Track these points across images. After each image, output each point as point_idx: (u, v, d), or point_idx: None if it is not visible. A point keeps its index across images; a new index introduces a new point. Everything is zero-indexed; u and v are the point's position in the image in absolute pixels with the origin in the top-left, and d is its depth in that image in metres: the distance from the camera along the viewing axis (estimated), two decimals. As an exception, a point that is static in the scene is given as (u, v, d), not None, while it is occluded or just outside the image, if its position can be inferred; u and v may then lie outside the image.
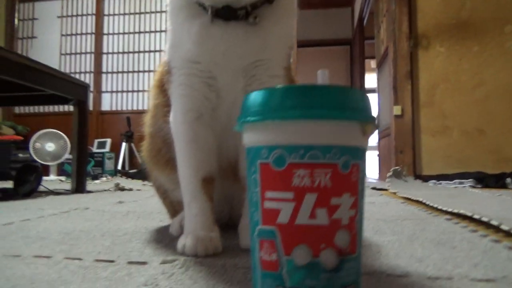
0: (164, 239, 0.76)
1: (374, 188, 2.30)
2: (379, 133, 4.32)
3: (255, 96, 0.34)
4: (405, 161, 3.28)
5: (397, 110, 3.34)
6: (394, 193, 1.93)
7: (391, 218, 1.02)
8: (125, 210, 1.17)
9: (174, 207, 0.87)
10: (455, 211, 1.06)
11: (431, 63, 3.35)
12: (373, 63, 5.96)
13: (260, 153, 0.34)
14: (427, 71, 3.35)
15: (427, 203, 1.33)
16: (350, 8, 7.03)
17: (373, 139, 5.59)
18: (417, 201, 1.46)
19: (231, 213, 0.87)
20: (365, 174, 0.35)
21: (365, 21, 5.64)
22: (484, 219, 0.89)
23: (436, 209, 1.20)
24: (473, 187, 2.54)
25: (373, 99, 5.04)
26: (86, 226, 0.90)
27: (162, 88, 0.76)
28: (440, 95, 3.28)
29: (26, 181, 1.70)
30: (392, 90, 3.39)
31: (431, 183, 2.89)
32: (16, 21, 4.47)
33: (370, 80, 6.77)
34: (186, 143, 0.69)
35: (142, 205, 1.31)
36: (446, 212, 1.10)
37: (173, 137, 0.72)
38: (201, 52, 0.65)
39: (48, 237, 0.77)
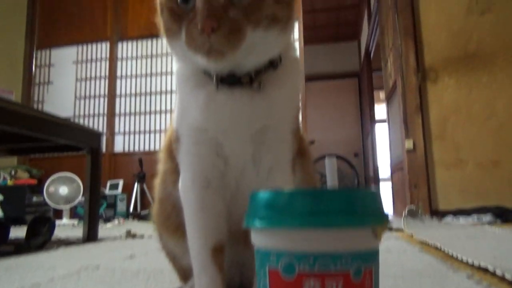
0: (174, 308, 0.74)
1: (390, 229, 2.24)
2: (391, 166, 4.27)
3: (262, 197, 0.34)
4: (420, 196, 3.21)
5: (408, 144, 3.30)
6: (411, 235, 1.87)
7: (409, 274, 0.98)
8: (136, 268, 1.16)
9: (185, 272, 0.85)
10: (476, 263, 1.01)
11: (440, 95, 3.35)
12: (382, 94, 5.99)
13: (269, 258, 0.33)
14: (437, 104, 3.34)
15: (446, 251, 1.28)
16: (356, 41, 7.17)
17: (385, 170, 5.52)
18: (435, 248, 1.41)
19: (242, 279, 0.84)
20: (378, 275, 0.34)
21: (372, 54, 5.72)
22: (508, 276, 0.85)
23: (456, 259, 1.15)
24: (493, 223, 2.46)
25: (384, 130, 5.02)
26: (96, 290, 0.88)
27: (171, 154, 0.77)
28: (452, 127, 3.25)
29: (38, 233, 1.70)
30: (403, 124, 3.38)
31: (448, 218, 2.81)
32: (33, 67, 4.64)
33: (380, 110, 6.78)
34: (195, 211, 0.69)
35: (153, 261, 1.29)
36: (467, 265, 1.06)
37: (183, 205, 0.71)
38: (208, 119, 0.66)
39: (57, 308, 0.75)
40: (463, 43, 3.30)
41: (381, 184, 5.75)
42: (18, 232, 2.00)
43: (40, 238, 1.69)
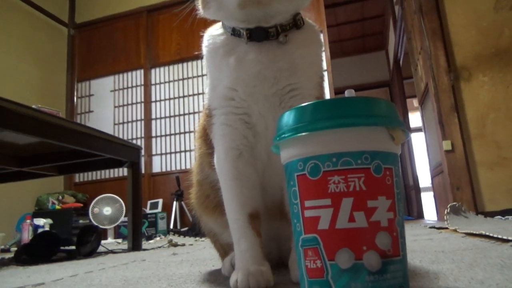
0: (217, 279, 0.78)
1: (433, 227, 2.17)
2: (431, 171, 4.14)
3: (287, 115, 0.38)
4: (464, 198, 3.08)
5: (446, 145, 3.21)
6: (455, 230, 1.81)
7: (450, 249, 0.96)
8: (179, 259, 1.20)
9: (224, 249, 0.89)
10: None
11: (476, 93, 3.25)
12: (415, 102, 5.87)
13: (296, 167, 0.36)
14: (473, 102, 3.25)
15: (491, 235, 1.24)
16: (384, 51, 7.12)
17: (426, 178, 5.34)
18: (480, 235, 1.36)
19: (280, 253, 0.87)
20: (400, 178, 0.37)
21: (401, 62, 5.66)
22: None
23: (501, 240, 1.12)
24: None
25: (420, 138, 4.90)
26: (144, 274, 0.93)
27: (205, 138, 0.82)
28: (491, 125, 3.14)
29: (87, 242, 1.79)
30: (439, 125, 3.30)
31: (496, 218, 2.68)
32: (75, 98, 4.95)
33: (415, 119, 6.63)
34: (230, 180, 0.73)
35: (195, 255, 1.34)
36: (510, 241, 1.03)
37: (218, 177, 0.76)
38: (238, 79, 0.71)
39: (110, 284, 0.81)
40: (494, 39, 3.22)
41: (423, 193, 5.56)
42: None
43: (89, 246, 1.78)
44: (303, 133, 0.36)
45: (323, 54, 0.79)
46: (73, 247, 1.80)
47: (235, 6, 0.67)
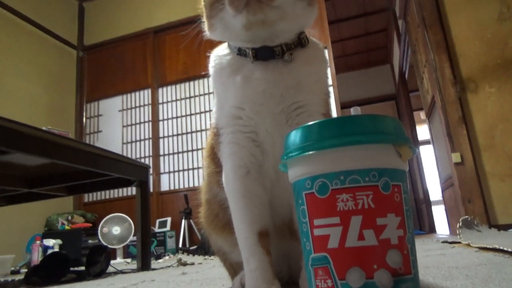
0: (227, 299, 0.77)
1: (445, 242, 2.13)
2: (441, 184, 4.09)
3: (294, 134, 0.38)
4: (476, 210, 3.04)
5: (456, 157, 3.18)
6: (468, 244, 1.78)
7: (464, 265, 0.95)
8: (189, 279, 1.19)
9: (234, 268, 0.88)
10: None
11: (483, 105, 3.24)
12: (422, 115, 5.85)
13: (304, 185, 0.36)
14: (481, 113, 3.23)
15: (505, 249, 1.22)
16: (389, 64, 7.15)
17: (437, 191, 5.28)
18: (494, 249, 1.33)
19: (290, 272, 0.86)
20: (408, 195, 0.36)
21: (406, 75, 5.67)
22: None
23: (516, 253, 1.09)
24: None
25: (429, 151, 4.86)
26: (153, 294, 0.93)
27: (213, 157, 0.83)
28: (501, 136, 3.11)
29: (96, 262, 1.79)
30: (447, 137, 3.28)
31: (510, 231, 2.63)
32: (84, 119, 5.02)
33: (422, 132, 6.59)
34: (239, 198, 0.73)
35: (205, 274, 1.33)
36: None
37: (227, 196, 0.76)
38: (244, 97, 0.72)
39: (119, 306, 0.80)
40: (499, 50, 3.22)
41: (434, 207, 5.48)
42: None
43: (98, 266, 1.77)
44: (311, 152, 0.36)
45: (328, 70, 0.80)
46: (83, 268, 1.80)
47: (241, 28, 0.68)
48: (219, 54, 0.79)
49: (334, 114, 4.08)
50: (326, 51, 4.38)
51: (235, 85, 0.73)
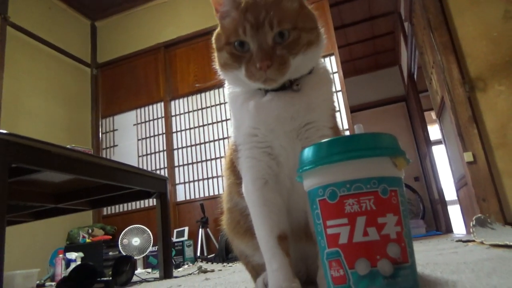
0: (251, 298, 0.84)
1: (459, 241, 2.17)
2: (455, 183, 4.10)
3: (307, 151, 0.46)
4: (491, 209, 3.05)
5: (468, 156, 3.20)
6: (481, 242, 1.81)
7: (472, 260, 1.00)
8: (213, 283, 1.27)
9: (256, 270, 0.95)
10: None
11: (493, 103, 3.26)
12: (433, 114, 5.86)
13: (317, 193, 0.44)
14: (492, 112, 3.25)
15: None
16: (397, 66, 7.17)
17: (451, 191, 5.26)
18: (504, 246, 1.38)
19: (308, 272, 0.93)
20: (405, 198, 0.44)
21: (415, 76, 5.69)
22: None
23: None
24: None
25: (441, 151, 4.86)
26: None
27: (233, 169, 0.91)
28: (513, 133, 3.13)
29: (122, 272, 1.88)
30: (458, 137, 3.30)
31: (526, 228, 2.63)
32: (100, 134, 5.17)
33: (434, 131, 6.58)
34: (258, 207, 0.81)
35: (227, 279, 1.40)
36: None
37: (247, 205, 0.84)
38: (259, 120, 0.81)
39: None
40: (507, 48, 3.25)
41: (449, 207, 5.45)
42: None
43: (124, 275, 1.86)
44: (322, 165, 0.43)
45: (333, 88, 0.87)
46: (110, 278, 1.89)
47: (252, 84, 0.77)
48: None
49: (344, 118, 4.08)
50: (333, 57, 4.45)
51: (249, 111, 0.81)
